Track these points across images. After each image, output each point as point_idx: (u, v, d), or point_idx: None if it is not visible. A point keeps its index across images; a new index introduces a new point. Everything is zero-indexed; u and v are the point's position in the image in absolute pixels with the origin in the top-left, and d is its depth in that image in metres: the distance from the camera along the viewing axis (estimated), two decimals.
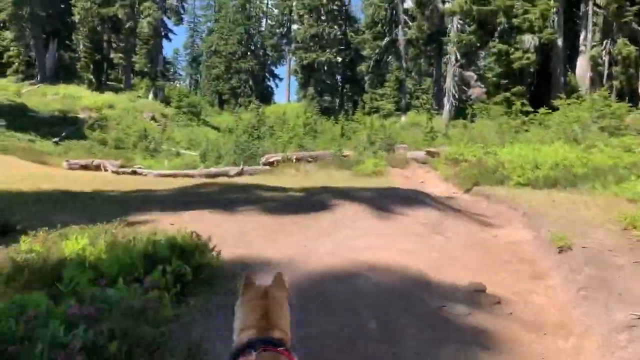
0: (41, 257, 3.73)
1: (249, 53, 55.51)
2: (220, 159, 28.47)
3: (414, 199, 10.02)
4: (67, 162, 22.41)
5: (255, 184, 11.56)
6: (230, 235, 6.01)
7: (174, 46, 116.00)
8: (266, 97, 56.53)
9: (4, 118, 28.08)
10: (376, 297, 4.00)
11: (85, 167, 22.59)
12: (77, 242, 4.03)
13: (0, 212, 6.59)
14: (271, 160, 23.69)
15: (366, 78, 43.00)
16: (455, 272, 5.18)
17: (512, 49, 26.63)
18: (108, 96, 39.39)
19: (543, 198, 10.90)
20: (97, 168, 22.76)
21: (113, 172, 22.11)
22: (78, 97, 37.66)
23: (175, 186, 12.93)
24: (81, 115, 34.73)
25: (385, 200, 9.22)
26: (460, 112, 33.25)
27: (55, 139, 28.68)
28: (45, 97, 36.89)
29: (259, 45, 58.55)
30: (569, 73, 28.98)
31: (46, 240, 4.34)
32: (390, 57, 41.45)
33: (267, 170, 22.17)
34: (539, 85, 27.66)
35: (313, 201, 8.74)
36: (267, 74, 59.85)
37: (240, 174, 21.89)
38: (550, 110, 22.12)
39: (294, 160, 23.35)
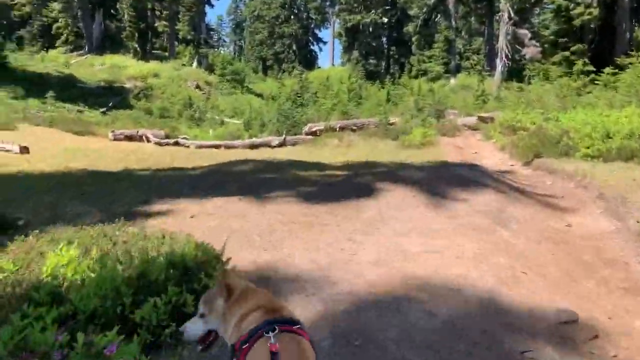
0: (11, 279, 3.03)
1: (292, 17, 54.03)
2: (263, 127, 27.95)
3: (471, 179, 8.82)
4: (112, 133, 22.35)
5: (292, 161, 10.68)
6: (257, 232, 5.18)
7: (218, 12, 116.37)
8: (310, 61, 55.21)
9: (53, 89, 28.46)
10: (432, 335, 3.04)
11: (130, 138, 22.45)
12: (61, 255, 3.30)
13: (2, 204, 6.05)
14: (314, 129, 22.74)
15: (413, 39, 40.88)
16: (531, 287, 4.14)
17: (572, 4, 24.29)
18: (153, 65, 39.41)
19: (620, 175, 9.47)
20: (142, 138, 22.60)
21: (155, 143, 21.91)
22: (124, 67, 37.91)
23: (212, 162, 12.27)
24: (127, 85, 34.91)
25: (437, 183, 8.10)
26: (513, 73, 31.65)
27: (103, 109, 28.92)
28: (93, 68, 37.33)
29: (302, 9, 56.79)
30: (636, 28, 26.16)
31: (32, 249, 3.65)
32: (438, 16, 39.08)
33: (310, 140, 21.26)
34: (601, 42, 25.25)
35: (355, 184, 7.75)
36: (310, 38, 58.19)
37: (282, 144, 21.16)
38: (616, 70, 19.93)
39: (337, 129, 22.29)
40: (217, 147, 21.33)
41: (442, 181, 8.36)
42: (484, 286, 3.90)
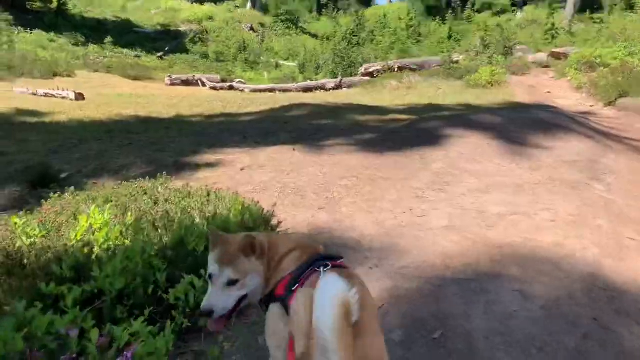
0: (38, 245, 2.70)
1: None
2: (318, 70, 27.11)
3: (551, 123, 7.79)
4: (168, 78, 22.42)
5: (349, 105, 9.93)
6: (312, 187, 4.65)
7: None
8: None
9: (111, 35, 28.68)
10: (530, 325, 2.44)
11: (186, 83, 22.43)
12: (94, 217, 2.93)
13: (47, 155, 5.86)
14: (370, 70, 21.58)
15: None
16: (638, 256, 3.40)
17: None
18: (207, 7, 38.83)
19: None
20: (197, 83, 22.54)
21: (211, 87, 21.75)
22: (179, 10, 37.63)
23: (265, 107, 11.77)
24: (183, 29, 34.71)
25: (513, 127, 7.16)
26: (587, 4, 28.06)
27: (160, 54, 28.98)
28: (149, 12, 37.30)
29: None
30: None
31: (67, 207, 3.32)
32: None
33: (366, 82, 20.19)
34: None
35: (419, 131, 6.97)
36: None
37: (338, 86, 20.28)
38: None
39: (396, 70, 21.01)
40: (271, 90, 20.85)
41: (519, 125, 7.41)
42: (586, 258, 3.20)
